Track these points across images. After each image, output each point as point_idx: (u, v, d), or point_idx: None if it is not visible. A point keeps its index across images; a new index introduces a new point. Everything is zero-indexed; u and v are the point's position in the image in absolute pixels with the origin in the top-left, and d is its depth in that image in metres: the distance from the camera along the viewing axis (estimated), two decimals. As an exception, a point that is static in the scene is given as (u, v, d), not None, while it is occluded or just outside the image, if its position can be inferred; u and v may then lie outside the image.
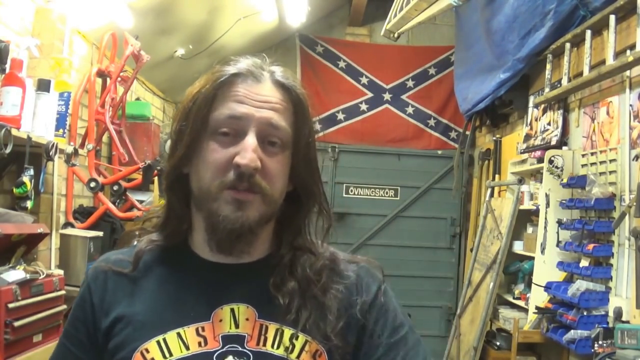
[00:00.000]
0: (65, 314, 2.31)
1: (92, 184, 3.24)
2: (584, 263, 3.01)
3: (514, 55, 3.78)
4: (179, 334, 0.86)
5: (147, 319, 0.88)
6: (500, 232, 4.01)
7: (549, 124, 3.68)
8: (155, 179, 3.39)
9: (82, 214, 3.32)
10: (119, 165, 3.60)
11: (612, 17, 2.82)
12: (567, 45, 3.31)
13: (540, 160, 3.60)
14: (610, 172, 2.90)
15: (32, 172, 2.46)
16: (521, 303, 3.82)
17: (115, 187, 3.32)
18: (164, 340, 0.86)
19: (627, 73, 2.82)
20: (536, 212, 3.61)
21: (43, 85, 2.49)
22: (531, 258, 3.65)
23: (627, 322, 2.61)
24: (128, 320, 0.89)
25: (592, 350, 2.59)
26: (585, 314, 2.84)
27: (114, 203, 3.36)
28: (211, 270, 0.92)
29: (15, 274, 2.11)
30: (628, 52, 2.75)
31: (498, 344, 3.90)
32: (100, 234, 3.07)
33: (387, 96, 5.70)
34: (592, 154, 3.12)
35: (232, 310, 0.89)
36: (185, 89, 0.94)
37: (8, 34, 2.53)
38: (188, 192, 0.92)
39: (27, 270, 2.19)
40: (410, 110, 5.69)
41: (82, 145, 3.34)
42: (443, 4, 3.74)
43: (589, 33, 3.07)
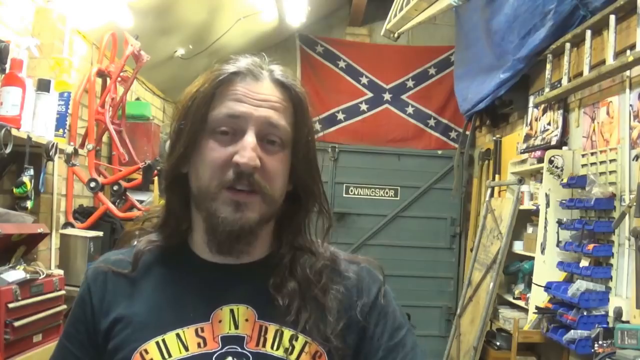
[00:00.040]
0: (65, 314, 2.31)
1: (92, 184, 3.24)
2: (584, 263, 3.01)
3: (514, 55, 3.78)
4: (178, 335, 0.86)
5: (146, 319, 0.88)
6: (500, 232, 4.01)
7: (549, 124, 3.68)
8: (155, 179, 3.39)
9: (82, 214, 3.32)
10: (119, 165, 3.60)
11: (612, 17, 2.82)
12: (567, 45, 3.31)
13: (540, 160, 3.60)
14: (610, 172, 2.90)
15: (32, 172, 2.46)
16: (521, 303, 3.82)
17: (115, 187, 3.32)
18: (163, 341, 0.86)
19: (627, 73, 2.82)
20: (536, 212, 3.61)
21: (43, 85, 2.49)
22: (531, 258, 3.65)
23: (627, 322, 2.61)
24: (127, 321, 0.88)
25: (592, 350, 2.59)
26: (585, 314, 2.84)
27: (114, 203, 3.36)
28: (211, 271, 0.92)
29: (15, 274, 2.11)
30: (628, 52, 2.75)
31: (498, 344, 3.90)
32: (100, 234, 3.07)
33: (387, 96, 5.70)
34: (592, 154, 3.12)
35: (231, 311, 0.88)
36: (186, 89, 0.93)
37: (8, 34, 2.53)
38: (187, 192, 0.92)
39: (27, 270, 2.19)
40: (410, 110, 5.69)
41: (82, 145, 3.34)
42: (443, 4, 3.74)
43: (589, 33, 3.07)
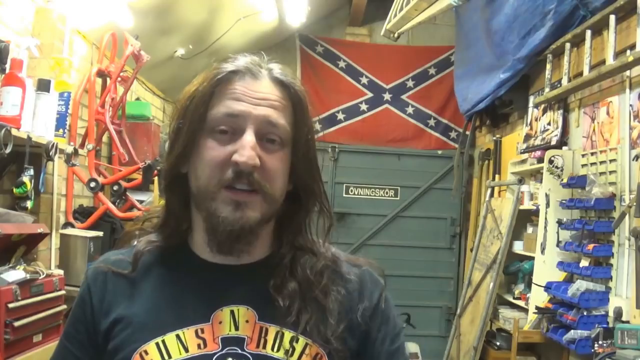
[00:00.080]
0: (65, 314, 2.31)
1: (92, 184, 3.24)
2: (584, 263, 3.01)
3: (514, 55, 3.78)
4: (178, 336, 0.86)
5: (146, 320, 0.88)
6: (500, 232, 4.01)
7: (549, 124, 3.68)
8: (155, 179, 3.39)
9: (82, 214, 3.32)
10: (119, 165, 3.60)
11: (612, 17, 2.82)
12: (567, 45, 3.31)
13: (540, 160, 3.60)
14: (610, 172, 2.90)
15: (32, 172, 2.46)
16: (521, 303, 3.82)
17: (115, 187, 3.32)
18: (163, 342, 0.85)
19: (627, 73, 2.82)
20: (536, 212, 3.61)
21: (43, 85, 2.49)
22: (531, 258, 3.65)
23: (627, 322, 2.61)
24: (127, 321, 0.88)
25: (592, 350, 2.59)
26: (585, 314, 2.84)
27: (114, 203, 3.36)
28: (211, 271, 0.91)
29: (15, 274, 2.11)
30: (628, 52, 2.75)
31: (498, 344, 3.90)
32: (100, 234, 3.07)
33: (387, 96, 5.70)
34: (592, 154, 3.12)
35: (232, 312, 0.88)
36: (185, 88, 0.93)
37: (8, 34, 2.53)
38: (187, 192, 0.91)
39: (27, 270, 2.19)
40: (410, 110, 5.69)
41: (82, 145, 3.34)
42: (443, 4, 3.74)
43: (589, 33, 3.07)
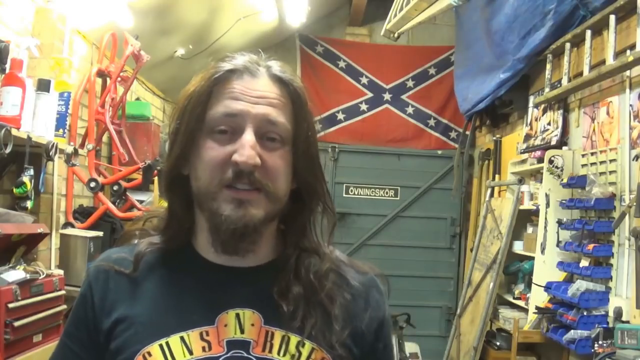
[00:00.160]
0: (66, 314, 2.31)
1: (92, 184, 3.24)
2: (584, 263, 3.01)
3: (514, 55, 3.78)
4: (182, 338, 0.85)
5: (149, 321, 0.87)
6: (500, 232, 4.01)
7: (549, 124, 3.68)
8: (155, 179, 3.39)
9: (82, 214, 3.32)
10: (119, 165, 3.60)
11: (612, 17, 2.82)
12: (567, 45, 3.31)
13: (540, 160, 3.60)
14: (610, 172, 2.90)
15: (32, 172, 2.46)
16: (521, 303, 3.82)
17: (115, 187, 3.32)
18: (167, 344, 0.84)
19: (627, 73, 2.82)
20: (536, 212, 3.61)
21: (43, 85, 2.49)
22: (531, 258, 3.65)
23: (627, 322, 2.61)
24: (130, 321, 0.87)
25: (592, 350, 2.59)
26: (585, 314, 2.84)
27: (114, 203, 3.36)
28: (216, 273, 0.90)
29: (15, 274, 2.11)
30: (628, 52, 2.75)
31: (498, 344, 3.90)
32: (100, 234, 3.07)
33: (387, 96, 5.70)
34: (592, 154, 3.12)
35: (237, 315, 0.87)
36: (184, 88, 0.92)
37: (8, 34, 2.53)
38: (189, 194, 0.90)
39: (27, 270, 2.19)
40: (410, 110, 5.69)
41: (82, 145, 3.34)
42: (443, 4, 3.74)
43: (589, 33, 3.07)
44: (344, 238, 5.29)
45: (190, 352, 0.84)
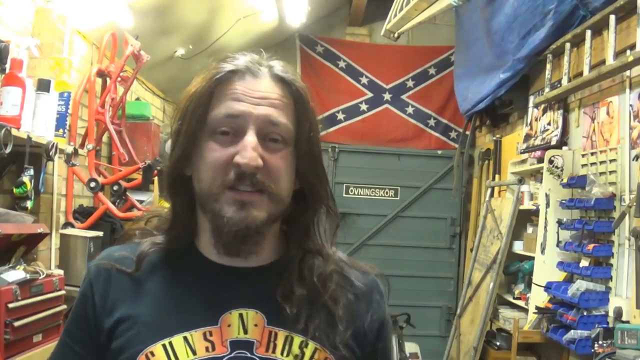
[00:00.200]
0: (65, 314, 2.31)
1: (92, 184, 3.24)
2: (584, 263, 3.01)
3: (514, 55, 3.78)
4: (185, 338, 0.84)
5: (152, 321, 0.86)
6: (500, 232, 4.01)
7: (549, 124, 3.68)
8: (155, 179, 3.39)
9: (82, 214, 3.32)
10: (119, 165, 3.60)
11: (612, 17, 2.82)
12: (567, 45, 3.31)
13: (540, 160, 3.60)
14: (610, 172, 2.90)
15: (32, 172, 2.46)
16: (521, 303, 3.82)
17: (115, 187, 3.32)
18: (170, 344, 0.84)
19: (627, 73, 2.82)
20: (536, 212, 3.61)
21: (43, 85, 2.49)
22: (531, 258, 3.65)
23: (627, 322, 2.61)
24: (133, 321, 0.86)
25: (592, 350, 2.59)
26: (585, 314, 2.84)
27: (114, 203, 3.36)
28: (219, 273, 0.90)
29: (15, 274, 2.11)
30: (628, 52, 2.75)
31: (498, 344, 3.90)
32: (100, 234, 3.07)
33: (387, 96, 5.70)
34: (592, 154, 3.12)
35: (240, 316, 0.87)
36: (185, 89, 0.92)
37: (8, 34, 2.53)
38: (192, 194, 0.90)
39: (27, 270, 2.19)
40: (410, 110, 5.69)
41: (82, 145, 3.34)
42: (443, 4, 3.74)
43: (589, 33, 3.07)
44: (344, 238, 5.29)
45: (194, 352, 0.84)
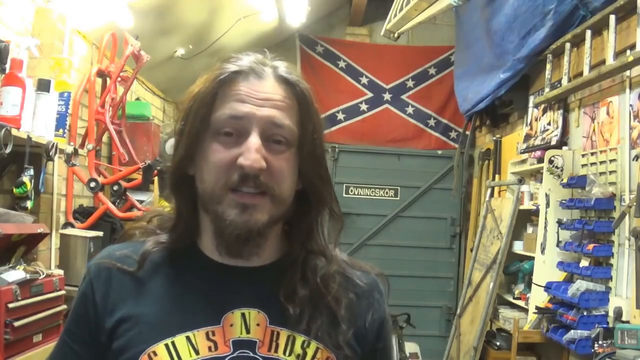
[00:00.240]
0: (65, 314, 2.31)
1: (92, 184, 3.24)
2: (584, 263, 3.01)
3: (514, 55, 3.78)
4: (188, 338, 0.84)
5: (154, 320, 0.86)
6: (500, 232, 4.01)
7: (549, 124, 3.68)
8: (155, 179, 3.39)
9: (82, 214, 3.32)
10: (119, 165, 3.60)
11: (612, 17, 2.82)
12: (567, 45, 3.31)
13: (540, 160, 3.60)
14: (610, 172, 2.90)
15: (32, 172, 2.46)
16: (521, 303, 3.82)
17: (115, 187, 3.32)
18: (173, 343, 0.84)
19: (627, 73, 2.82)
20: (536, 212, 3.61)
21: (43, 85, 2.49)
22: (531, 258, 3.65)
23: (627, 322, 2.61)
24: (135, 321, 0.86)
25: (592, 350, 2.59)
26: (585, 314, 2.84)
27: (114, 203, 3.36)
28: (221, 273, 0.90)
29: (15, 274, 2.11)
30: (628, 52, 2.75)
31: (498, 344, 3.90)
32: (100, 234, 3.07)
33: (387, 96, 5.70)
34: (592, 154, 3.12)
35: (242, 315, 0.87)
36: (185, 89, 0.91)
37: (8, 34, 2.53)
38: (195, 194, 0.90)
39: (27, 270, 2.19)
40: (410, 110, 5.69)
41: (82, 145, 3.34)
42: (443, 4, 3.74)
43: (589, 33, 3.07)
44: (344, 238, 5.16)
45: (197, 352, 0.84)
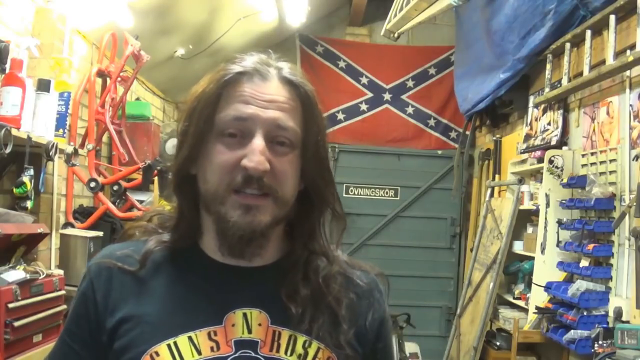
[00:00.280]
0: (65, 314, 2.31)
1: (92, 184, 3.24)
2: (584, 263, 3.01)
3: (514, 55, 3.78)
4: (190, 338, 0.84)
5: (156, 320, 0.86)
6: (500, 232, 4.01)
7: (549, 124, 3.68)
8: (155, 179, 3.39)
9: (82, 214, 3.32)
10: (119, 165, 3.60)
11: (612, 17, 2.82)
12: (567, 45, 3.31)
13: (540, 160, 3.60)
14: (610, 172, 2.90)
15: (32, 172, 2.46)
16: (521, 303, 3.82)
17: (115, 187, 3.32)
18: (175, 343, 0.84)
19: (627, 73, 2.82)
20: (536, 212, 3.61)
21: (43, 85, 2.49)
22: (531, 258, 3.65)
23: (627, 322, 2.61)
24: (136, 321, 0.86)
25: (592, 350, 2.59)
26: (585, 314, 2.84)
27: (114, 203, 3.36)
28: (223, 273, 0.90)
29: (15, 274, 2.11)
30: (628, 52, 2.75)
31: (498, 344, 3.90)
32: (100, 234, 3.07)
33: (387, 96, 5.70)
34: (592, 154, 3.12)
35: (244, 315, 0.87)
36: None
37: (8, 34, 2.53)
38: (197, 193, 0.90)
39: (27, 270, 2.19)
40: (410, 110, 5.69)
41: (82, 145, 3.34)
42: (443, 4, 3.74)
43: (589, 33, 3.07)
44: (344, 238, 5.26)
45: (199, 352, 0.84)
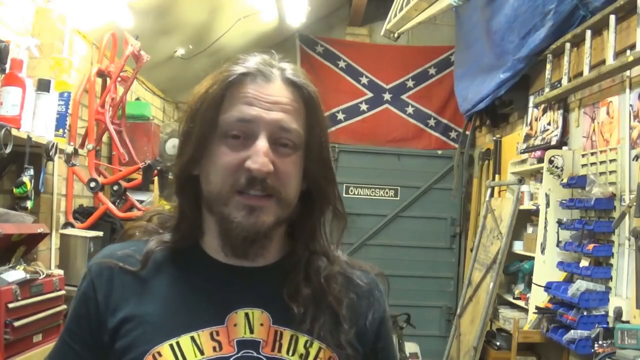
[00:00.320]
0: (65, 314, 2.31)
1: (92, 184, 3.24)
2: (584, 263, 3.01)
3: (514, 55, 3.78)
4: (192, 338, 0.85)
5: (159, 320, 0.86)
6: (500, 232, 4.01)
7: (549, 124, 3.68)
8: (155, 179, 3.39)
9: (82, 214, 3.32)
10: (119, 165, 3.60)
11: (612, 17, 2.82)
12: (567, 45, 3.31)
13: (540, 160, 3.60)
14: (610, 172, 2.90)
15: (32, 172, 2.46)
16: (521, 303, 3.82)
17: (115, 187, 3.32)
18: (177, 343, 0.84)
19: (627, 73, 2.82)
20: (536, 212, 3.61)
21: (43, 85, 2.49)
22: (531, 258, 3.65)
23: (627, 322, 2.61)
24: (138, 321, 0.86)
25: (592, 350, 2.59)
26: (585, 314, 2.84)
27: (114, 203, 3.36)
28: (225, 273, 0.90)
29: (15, 274, 2.11)
30: (628, 52, 2.75)
31: (498, 344, 3.90)
32: (100, 234, 3.07)
33: (387, 96, 5.70)
34: (592, 154, 3.12)
35: (246, 315, 0.87)
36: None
37: (8, 34, 2.53)
38: (199, 194, 0.90)
39: (27, 270, 2.19)
40: (410, 110, 5.69)
41: (82, 145, 3.34)
42: (443, 4, 3.74)
43: (589, 33, 3.07)
44: (344, 238, 5.26)
45: (202, 352, 0.84)
